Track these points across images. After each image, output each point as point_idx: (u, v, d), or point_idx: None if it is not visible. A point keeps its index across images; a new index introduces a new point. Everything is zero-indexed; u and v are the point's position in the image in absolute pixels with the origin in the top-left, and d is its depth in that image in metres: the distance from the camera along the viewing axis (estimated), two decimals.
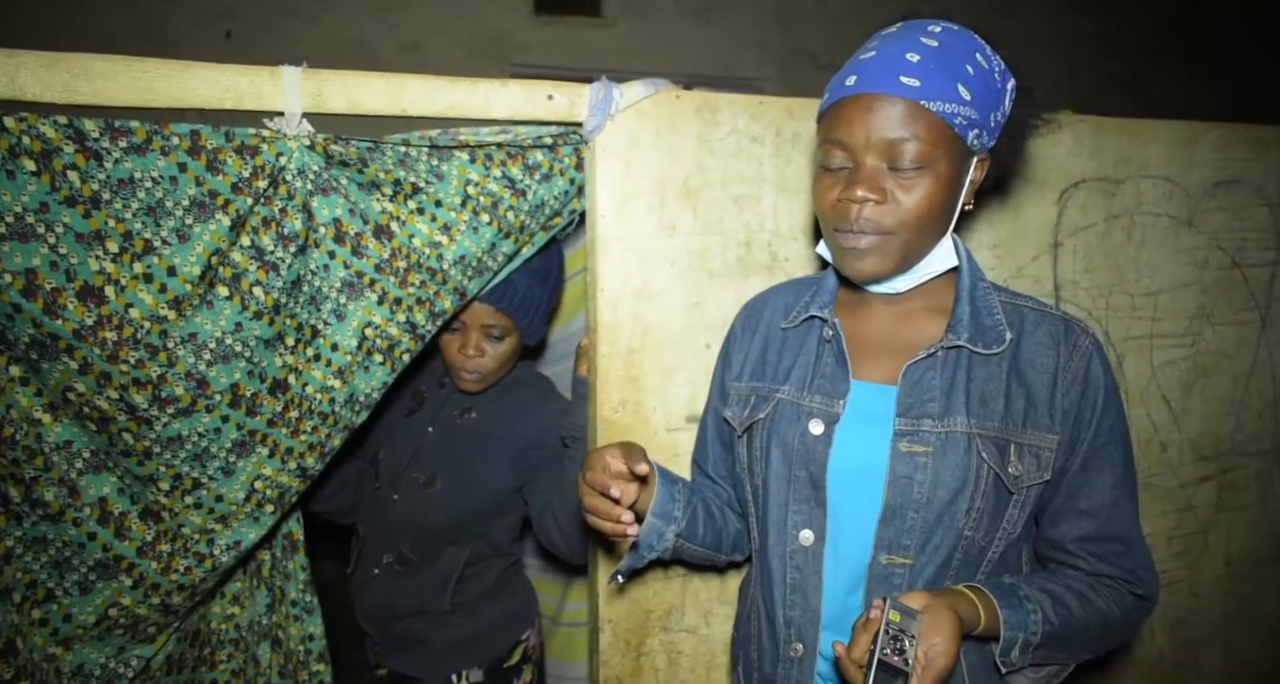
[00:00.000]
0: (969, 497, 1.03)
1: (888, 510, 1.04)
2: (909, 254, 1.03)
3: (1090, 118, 1.66)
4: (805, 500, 1.10)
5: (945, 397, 1.05)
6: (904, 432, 1.05)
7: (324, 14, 4.60)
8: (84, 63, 1.01)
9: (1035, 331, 1.08)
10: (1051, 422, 1.05)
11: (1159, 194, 1.74)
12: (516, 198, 1.34)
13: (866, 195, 0.99)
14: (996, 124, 1.03)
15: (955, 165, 1.00)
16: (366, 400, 1.35)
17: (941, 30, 1.02)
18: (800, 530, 1.10)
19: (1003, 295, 1.12)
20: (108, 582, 1.22)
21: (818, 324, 1.17)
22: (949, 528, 1.04)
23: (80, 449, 1.18)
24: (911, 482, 1.03)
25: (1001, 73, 1.03)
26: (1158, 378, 1.80)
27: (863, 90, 0.99)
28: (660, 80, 1.34)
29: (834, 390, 1.11)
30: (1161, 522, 1.85)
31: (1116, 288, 1.73)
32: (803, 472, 1.10)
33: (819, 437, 1.08)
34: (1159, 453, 1.82)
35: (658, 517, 1.14)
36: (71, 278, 1.06)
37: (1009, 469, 1.03)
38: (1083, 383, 1.06)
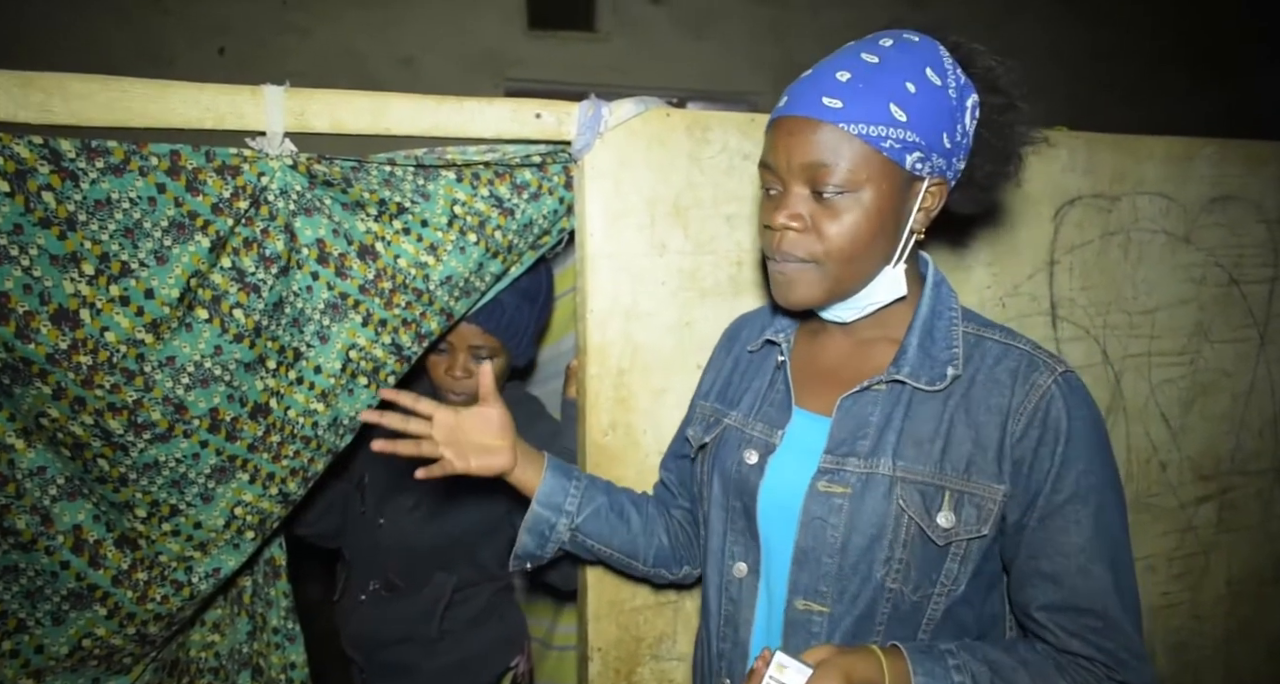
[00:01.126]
0: (887, 545, 0.95)
1: (799, 552, 0.99)
2: (840, 284, 0.97)
3: (1085, 134, 1.64)
4: (741, 532, 1.07)
5: (878, 434, 0.98)
6: (826, 469, 0.98)
7: (317, 29, 4.59)
8: (59, 82, 0.99)
9: (995, 367, 0.97)
10: (999, 470, 0.94)
11: (1155, 210, 1.72)
12: (504, 217, 1.31)
13: (786, 224, 0.94)
14: (955, 145, 0.95)
15: (889, 192, 0.92)
16: (351, 424, 1.32)
17: (892, 43, 0.94)
18: (736, 561, 1.07)
19: (971, 326, 1.02)
20: (81, 612, 1.19)
21: (775, 349, 1.13)
22: (866, 578, 0.96)
23: (54, 475, 1.15)
24: (825, 524, 0.97)
25: (960, 88, 0.94)
26: (1156, 396, 1.78)
27: (788, 112, 0.94)
28: (650, 98, 1.32)
29: (776, 419, 1.07)
30: (1162, 542, 1.82)
31: (1114, 305, 1.71)
32: (738, 502, 1.06)
33: (752, 466, 1.05)
34: (1158, 473, 1.80)
35: (543, 506, 1.15)
36: (45, 301, 1.04)
37: (937, 519, 0.93)
38: (1040, 427, 0.93)
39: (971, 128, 0.97)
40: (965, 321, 1.03)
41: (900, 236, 0.97)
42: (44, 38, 4.07)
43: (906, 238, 0.98)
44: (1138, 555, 1.78)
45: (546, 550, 1.19)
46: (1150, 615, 1.83)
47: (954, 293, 1.07)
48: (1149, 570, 1.82)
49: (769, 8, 5.57)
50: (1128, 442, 1.76)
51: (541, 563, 1.21)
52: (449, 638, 1.54)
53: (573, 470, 1.21)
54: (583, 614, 1.40)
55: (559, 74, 5.22)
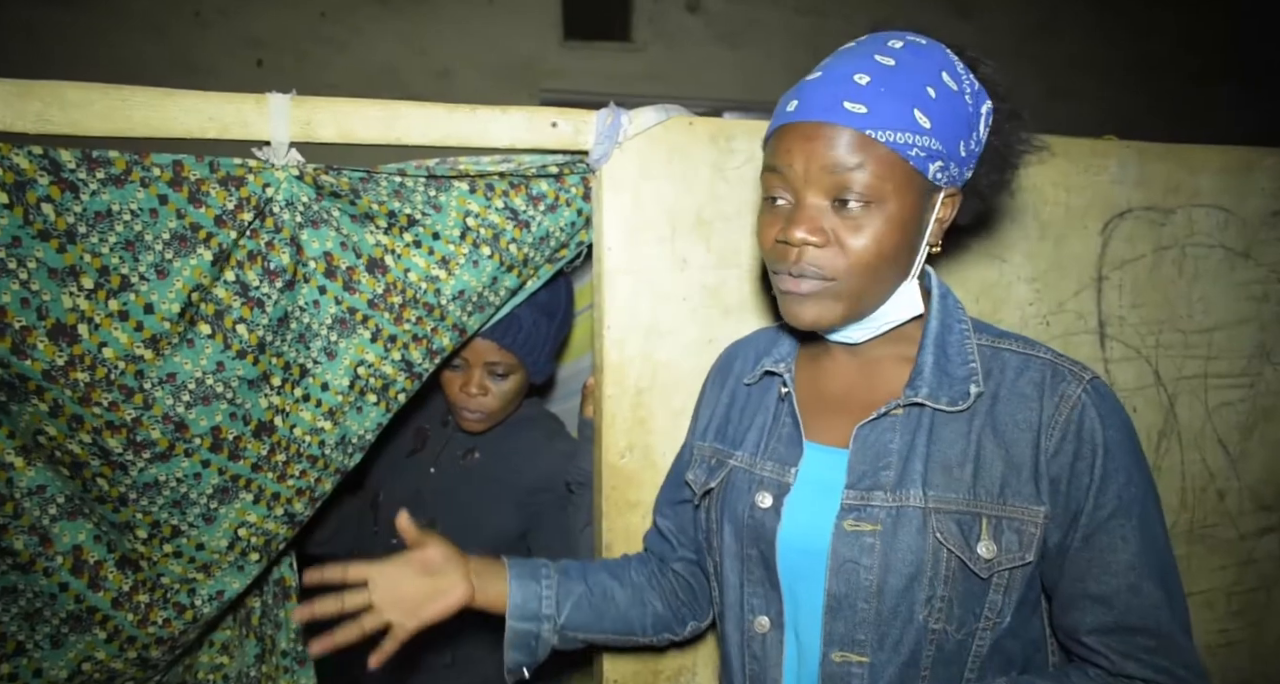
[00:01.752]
0: (927, 584, 0.87)
1: (832, 600, 0.90)
2: (859, 302, 0.90)
3: (1136, 143, 1.55)
4: (759, 582, 0.97)
5: (902, 463, 0.90)
6: (851, 506, 0.90)
7: (353, 42, 4.63)
8: (57, 91, 0.96)
9: (1017, 380, 0.91)
10: (1037, 490, 0.88)
11: (1212, 224, 1.62)
12: (519, 229, 1.26)
13: (805, 238, 0.86)
14: (969, 153, 0.90)
15: (912, 203, 0.86)
16: (360, 442, 1.27)
17: (904, 46, 0.88)
18: (756, 616, 0.98)
19: (984, 337, 0.96)
20: (80, 635, 1.16)
21: (775, 380, 1.04)
22: (907, 621, 0.88)
23: (54, 494, 1.12)
24: (857, 566, 0.89)
25: (975, 94, 0.89)
26: (1213, 420, 1.67)
27: (803, 118, 0.86)
28: (672, 106, 1.27)
29: (787, 456, 0.98)
30: (1220, 576, 1.71)
31: (1167, 324, 1.61)
32: (754, 550, 0.97)
33: (767, 510, 0.96)
34: (1216, 502, 1.69)
35: (520, 620, 1.07)
36: (43, 316, 1.01)
37: (978, 550, 0.87)
38: (1074, 441, 0.87)
39: (985, 135, 0.91)
40: (977, 333, 0.97)
41: (919, 250, 0.92)
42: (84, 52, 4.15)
43: (924, 251, 0.93)
44: (1193, 590, 1.67)
45: (538, 657, 1.11)
46: (1207, 655, 1.71)
47: (961, 305, 0.99)
48: (1206, 606, 1.71)
49: (806, 17, 5.51)
50: (1182, 469, 1.65)
51: (537, 665, 1.13)
52: (461, 665, 1.49)
53: (539, 569, 1.13)
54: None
55: (595, 85, 5.20)
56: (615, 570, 1.17)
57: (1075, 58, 5.84)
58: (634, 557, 1.23)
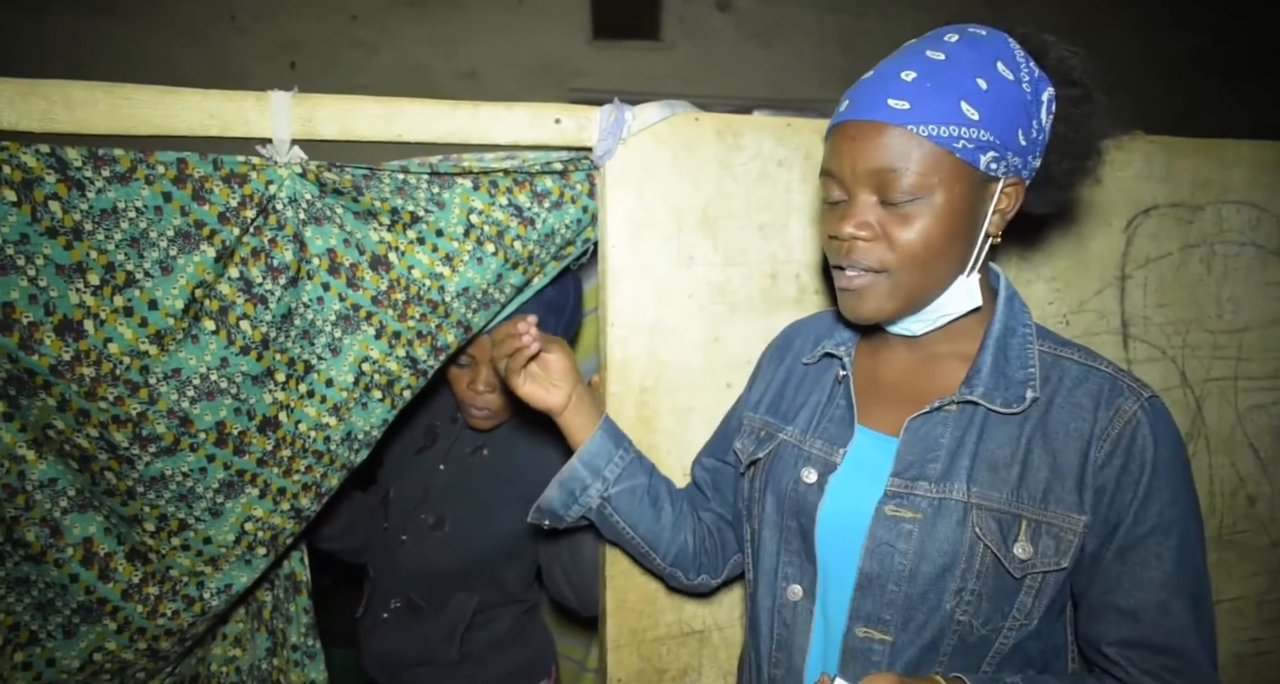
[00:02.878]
0: (959, 575, 0.89)
1: (863, 578, 0.93)
2: (912, 295, 0.91)
3: (1162, 138, 1.51)
4: (796, 553, 1.01)
5: (950, 458, 0.92)
6: (895, 493, 0.93)
7: (384, 45, 4.67)
8: (62, 90, 0.98)
9: (1074, 390, 0.92)
10: (1080, 499, 0.88)
11: (1243, 221, 1.57)
12: (524, 227, 1.26)
13: (854, 233, 0.89)
14: (1031, 142, 0.90)
15: (962, 195, 0.87)
16: (365, 439, 1.28)
17: (959, 39, 0.89)
18: (790, 584, 1.01)
19: (1046, 344, 0.97)
20: (91, 625, 1.18)
21: (834, 362, 1.08)
22: (934, 608, 0.91)
23: (65, 487, 1.14)
24: (893, 550, 0.92)
25: (1034, 81, 0.89)
26: (1243, 424, 1.61)
27: (850, 117, 0.89)
28: (678, 102, 1.25)
29: (837, 436, 1.01)
30: (1251, 584, 1.66)
31: (1194, 324, 1.56)
32: (794, 522, 1.01)
33: (811, 485, 0.99)
34: (1246, 507, 1.64)
35: (583, 464, 1.12)
36: (50, 311, 1.03)
37: (1015, 550, 0.88)
38: (1124, 455, 0.88)
39: (1048, 123, 0.91)
40: (1040, 339, 0.97)
41: (975, 242, 0.92)
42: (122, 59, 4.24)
43: (982, 243, 0.92)
44: (1223, 597, 1.62)
45: (570, 512, 1.14)
46: (1237, 664, 1.66)
47: (1027, 308, 1.00)
48: (1236, 614, 1.65)
49: (838, 14, 5.45)
50: (1210, 472, 1.60)
51: (560, 525, 1.17)
52: (470, 661, 1.49)
53: (623, 438, 1.17)
54: (603, 643, 1.33)
55: (624, 84, 5.20)
56: (672, 489, 1.20)
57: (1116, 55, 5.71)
58: (684, 491, 1.25)
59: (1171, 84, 5.71)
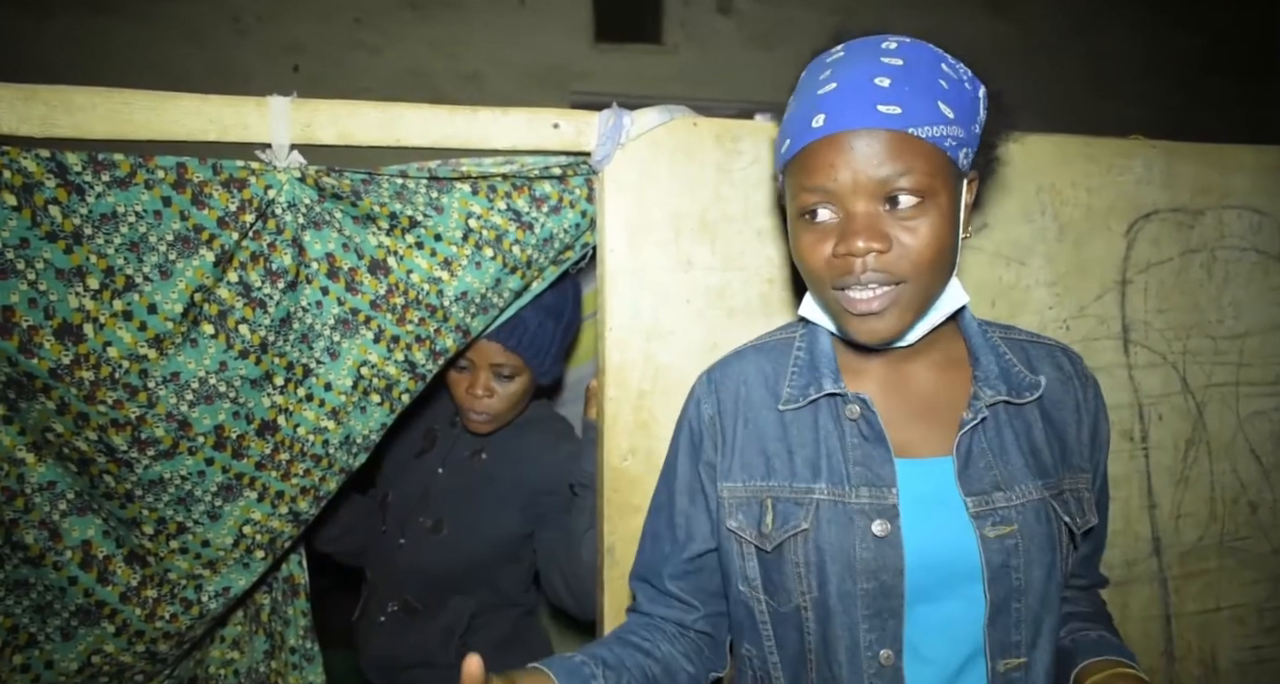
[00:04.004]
0: (1060, 567, 0.94)
1: (994, 609, 0.90)
2: (926, 301, 0.89)
3: (1163, 143, 1.50)
4: (877, 614, 0.91)
5: (1002, 461, 0.93)
6: (981, 513, 0.90)
7: (386, 47, 4.69)
8: (62, 95, 0.98)
9: (1045, 367, 1.01)
10: (1081, 458, 1.00)
11: (1245, 226, 1.57)
12: (523, 231, 1.26)
13: (869, 246, 0.83)
14: (975, 137, 0.91)
15: (953, 192, 0.88)
16: (364, 442, 1.28)
17: (899, 45, 0.89)
18: (879, 650, 0.91)
19: (997, 331, 1.03)
20: (90, 628, 1.18)
21: (827, 402, 0.97)
22: (1051, 608, 0.93)
23: (64, 490, 1.15)
24: (1009, 570, 0.90)
25: (971, 81, 0.91)
26: (1245, 430, 1.61)
27: (837, 129, 0.84)
28: (676, 107, 1.26)
29: (878, 478, 0.92)
30: (1252, 592, 1.65)
31: (1195, 329, 1.55)
32: (872, 583, 0.90)
33: (884, 539, 0.89)
34: (1248, 514, 1.63)
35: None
36: (50, 315, 1.03)
37: (1076, 521, 0.96)
38: (1095, 413, 1.02)
39: (985, 118, 0.93)
40: (990, 328, 1.03)
41: (959, 240, 0.92)
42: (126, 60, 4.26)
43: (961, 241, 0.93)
44: (1224, 604, 1.61)
45: None
46: (1238, 672, 1.65)
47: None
48: (1236, 622, 1.64)
49: (839, 17, 5.45)
50: (1212, 479, 1.59)
51: None
52: None
53: (582, 666, 0.96)
54: None
55: (626, 87, 5.20)
56: (645, 646, 1.04)
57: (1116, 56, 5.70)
58: (645, 624, 1.08)
59: (1171, 85, 5.71)
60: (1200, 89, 5.81)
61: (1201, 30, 5.90)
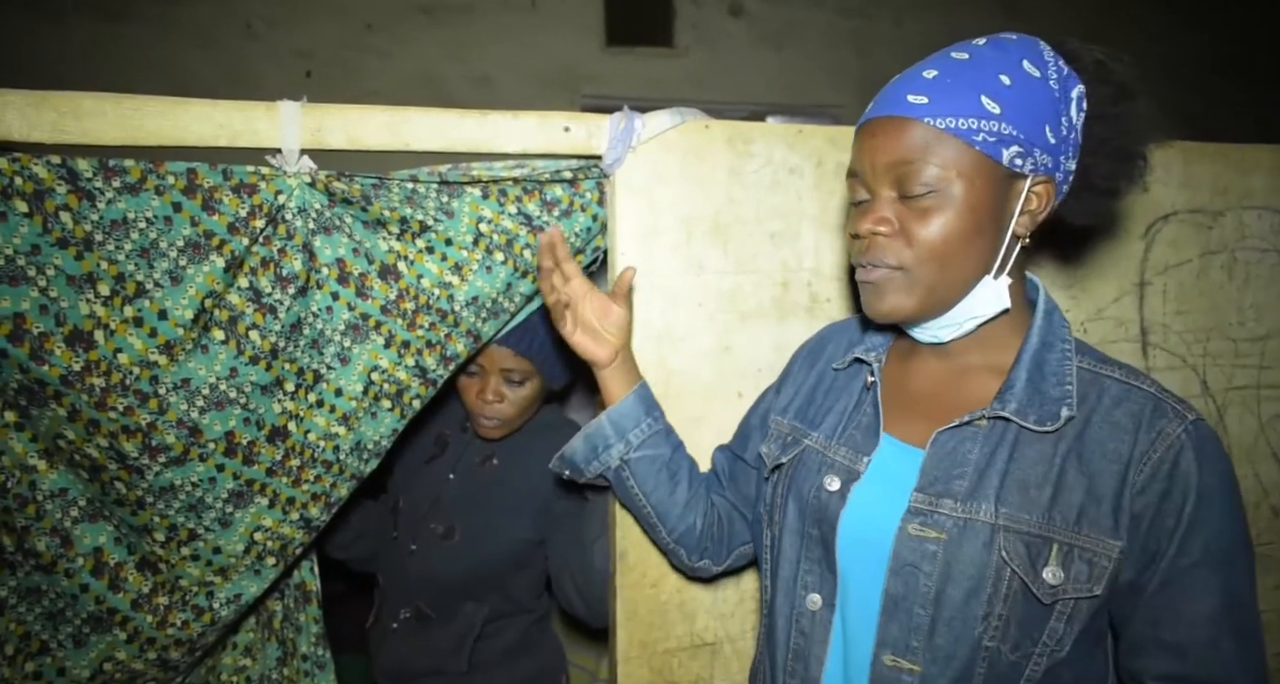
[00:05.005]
0: (985, 601, 0.85)
1: (889, 601, 0.90)
2: (932, 292, 0.89)
3: (1180, 143, 1.48)
4: (817, 561, 0.98)
5: (978, 475, 0.89)
6: (919, 510, 0.90)
7: (397, 51, 4.69)
8: (72, 101, 0.98)
9: (1114, 409, 0.88)
10: (1115, 524, 0.84)
11: (1265, 227, 1.54)
12: (533, 235, 1.25)
13: (872, 229, 0.88)
14: (1060, 140, 0.87)
15: (984, 189, 0.85)
16: (375, 448, 1.28)
17: (987, 42, 0.89)
18: (810, 593, 0.99)
19: (1086, 360, 0.92)
20: (102, 635, 1.18)
21: (864, 368, 1.05)
22: (963, 635, 0.86)
23: (76, 497, 1.14)
24: (917, 571, 0.88)
25: (1062, 79, 0.87)
26: (1266, 433, 1.58)
27: (871, 115, 0.90)
28: (688, 109, 1.25)
29: (862, 444, 0.98)
30: (1275, 597, 1.62)
31: (1215, 332, 1.53)
32: (815, 530, 0.98)
33: (833, 494, 0.97)
34: (1270, 518, 1.60)
35: (611, 423, 1.13)
36: (61, 322, 1.03)
37: (1044, 575, 0.84)
38: (1166, 480, 0.83)
39: (1079, 120, 0.89)
40: (1080, 355, 0.93)
41: (1001, 241, 0.89)
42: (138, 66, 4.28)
43: (1009, 244, 0.89)
44: None
45: (591, 468, 1.15)
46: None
47: (1067, 323, 0.96)
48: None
49: (851, 19, 5.43)
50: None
51: (580, 478, 1.18)
52: (480, 671, 1.48)
53: (655, 407, 1.17)
54: (613, 655, 1.32)
55: (637, 90, 5.19)
56: (693, 469, 1.21)
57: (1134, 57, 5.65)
58: (704, 475, 1.24)
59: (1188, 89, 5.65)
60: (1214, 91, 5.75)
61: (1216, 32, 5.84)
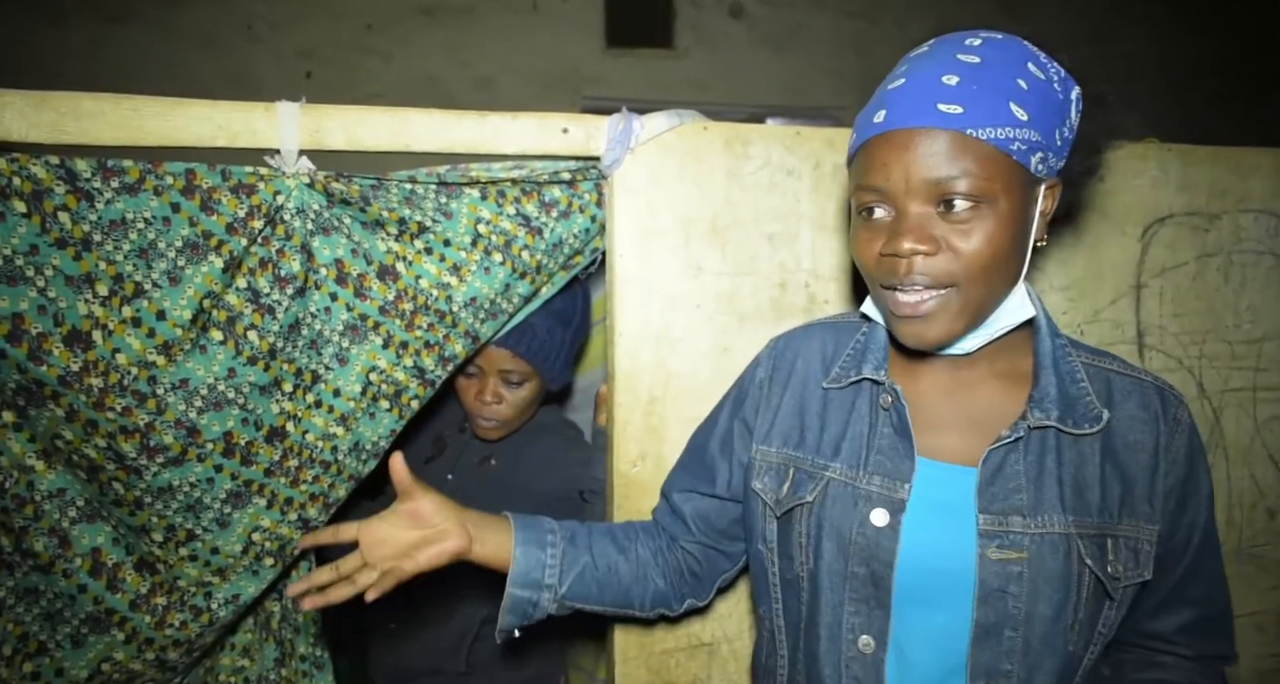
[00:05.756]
0: (1073, 609, 0.88)
1: (980, 630, 0.88)
2: (980, 310, 0.86)
3: (1178, 146, 1.49)
4: (864, 601, 0.93)
5: (1034, 487, 0.89)
6: (991, 532, 0.88)
7: (399, 53, 4.71)
8: (71, 101, 0.98)
9: (1126, 402, 0.93)
10: (1151, 509, 0.91)
11: (1262, 230, 1.55)
12: (532, 236, 1.26)
13: (915, 248, 0.82)
14: (1064, 141, 0.87)
15: (1020, 198, 0.84)
16: (374, 449, 1.28)
17: (983, 42, 0.86)
18: (859, 635, 0.93)
19: (1083, 355, 0.95)
20: (100, 636, 1.18)
21: (870, 387, 0.99)
22: (1054, 649, 0.88)
23: (74, 497, 1.15)
24: (1005, 595, 0.87)
25: (1063, 81, 0.87)
26: (1262, 435, 1.59)
27: (895, 126, 0.83)
28: (686, 111, 1.25)
29: (896, 471, 0.93)
30: (1271, 598, 1.62)
31: (1211, 334, 1.53)
32: (862, 569, 0.92)
33: (882, 529, 0.91)
34: (1266, 520, 1.61)
35: (521, 587, 1.05)
36: (59, 322, 1.03)
37: (1108, 570, 0.89)
38: (1186, 463, 0.92)
39: (1077, 121, 0.89)
40: (1075, 349, 0.96)
41: (1028, 248, 0.88)
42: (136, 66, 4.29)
43: (1030, 249, 0.89)
44: (1242, 612, 1.58)
45: (532, 620, 1.10)
46: (1257, 680, 1.63)
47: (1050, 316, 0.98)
48: (1256, 630, 1.62)
49: (853, 21, 5.44)
50: (1229, 485, 1.57)
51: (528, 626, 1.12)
52: (478, 671, 1.49)
53: (545, 532, 1.09)
54: (610, 656, 1.32)
55: (637, 91, 5.21)
56: (621, 542, 1.14)
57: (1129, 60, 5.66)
58: (641, 527, 1.18)
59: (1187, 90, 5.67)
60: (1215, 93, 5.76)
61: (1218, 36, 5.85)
